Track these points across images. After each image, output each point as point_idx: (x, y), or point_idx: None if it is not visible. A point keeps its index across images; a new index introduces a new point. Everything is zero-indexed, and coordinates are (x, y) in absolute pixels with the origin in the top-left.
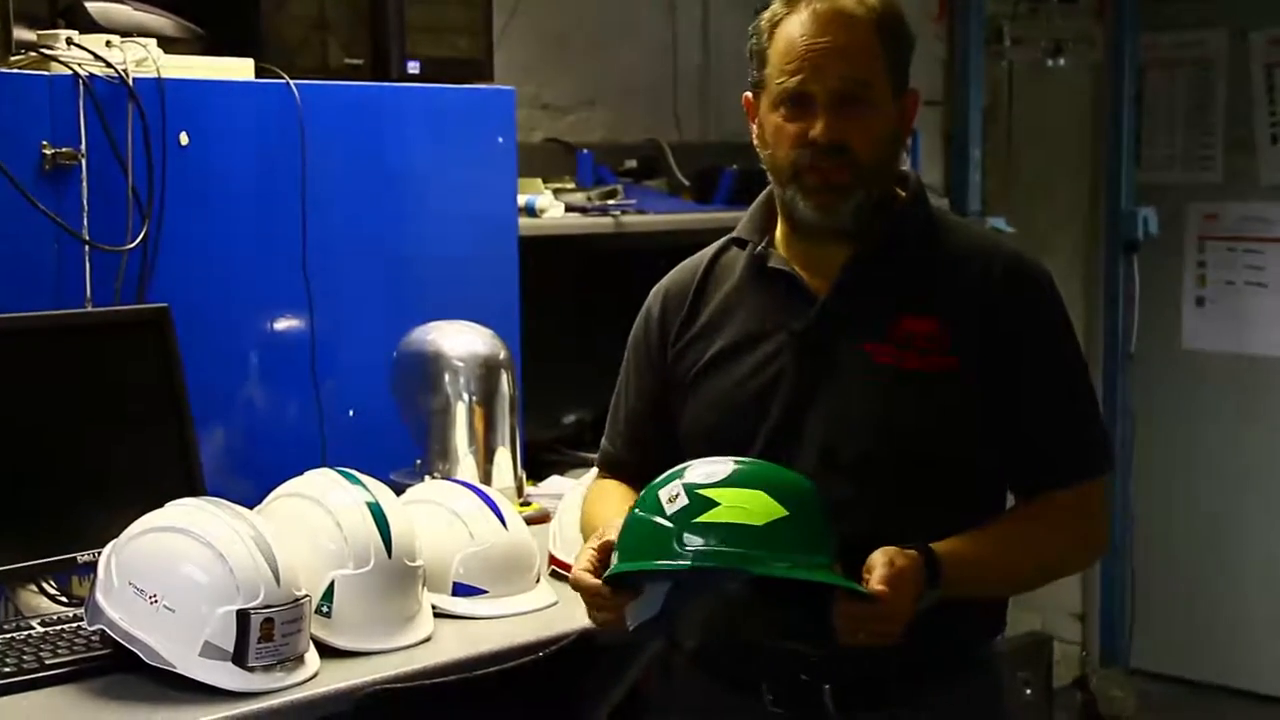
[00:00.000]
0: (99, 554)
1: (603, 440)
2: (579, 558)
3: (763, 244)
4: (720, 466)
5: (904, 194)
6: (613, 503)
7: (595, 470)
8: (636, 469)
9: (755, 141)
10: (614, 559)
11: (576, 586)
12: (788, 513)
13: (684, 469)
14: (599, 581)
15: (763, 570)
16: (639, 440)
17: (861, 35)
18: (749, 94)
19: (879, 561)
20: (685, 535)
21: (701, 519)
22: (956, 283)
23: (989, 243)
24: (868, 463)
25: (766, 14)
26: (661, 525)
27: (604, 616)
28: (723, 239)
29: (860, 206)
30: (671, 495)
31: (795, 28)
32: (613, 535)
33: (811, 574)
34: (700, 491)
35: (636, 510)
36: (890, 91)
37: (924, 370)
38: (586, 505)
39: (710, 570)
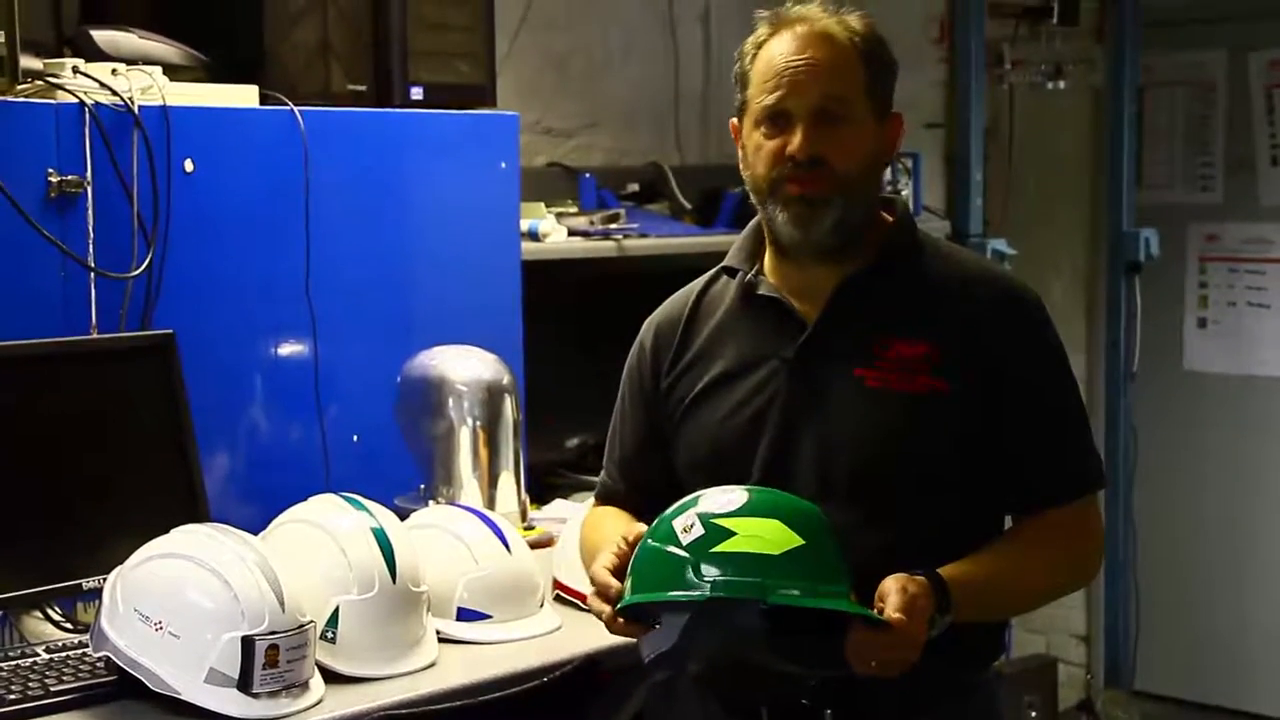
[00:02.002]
0: (104, 580)
1: (601, 473)
2: (593, 580)
3: (752, 272)
4: (734, 496)
5: (891, 219)
6: (611, 527)
7: (593, 500)
8: (634, 501)
9: (740, 165)
10: (627, 590)
11: (594, 611)
12: (804, 541)
13: (697, 499)
14: (610, 609)
15: (782, 599)
16: (635, 473)
17: (841, 54)
18: (734, 119)
19: (892, 589)
20: (702, 565)
21: (718, 549)
22: (945, 307)
23: (977, 267)
24: (863, 486)
25: (751, 38)
26: (677, 555)
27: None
28: (713, 269)
29: (839, 223)
30: (686, 525)
31: (776, 47)
32: (617, 557)
33: (829, 602)
34: (716, 521)
35: (649, 541)
36: (871, 112)
37: (915, 393)
38: (585, 531)
39: (728, 600)
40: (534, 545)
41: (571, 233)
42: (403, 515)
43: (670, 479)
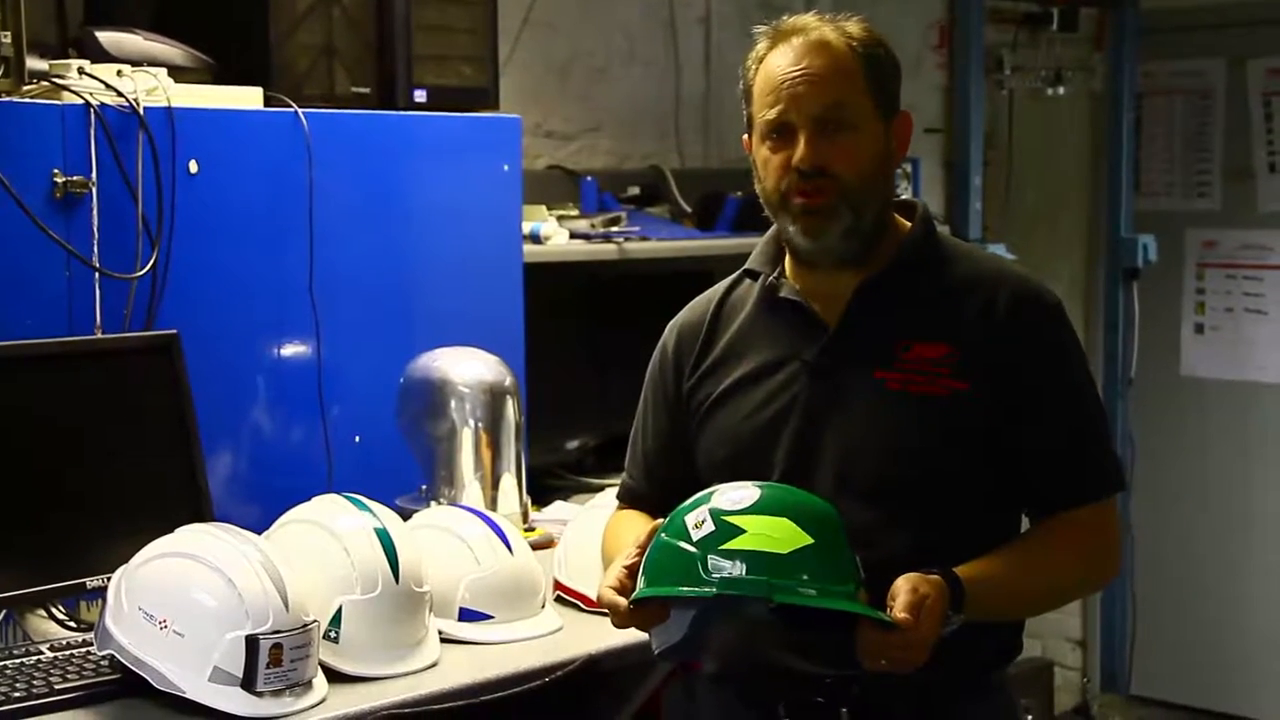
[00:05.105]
0: (108, 579)
1: (623, 475)
2: (607, 575)
3: (774, 275)
4: (746, 493)
5: (910, 222)
6: (635, 530)
7: (614, 501)
8: (656, 502)
9: (754, 179)
10: (640, 582)
11: (602, 603)
12: (813, 540)
13: (711, 494)
14: (625, 602)
15: (787, 598)
16: (657, 474)
17: (838, 61)
18: (745, 135)
19: (902, 589)
20: (711, 562)
21: (727, 546)
22: (965, 308)
23: (996, 268)
24: (882, 487)
25: (752, 52)
26: (687, 551)
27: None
28: (736, 272)
29: (850, 230)
30: (698, 521)
31: (775, 61)
32: (637, 555)
33: (834, 602)
34: (726, 518)
35: (663, 535)
36: (875, 115)
37: (935, 394)
38: (608, 533)
39: (735, 598)
40: (535, 546)
41: (573, 235)
42: (405, 516)
43: (692, 479)
